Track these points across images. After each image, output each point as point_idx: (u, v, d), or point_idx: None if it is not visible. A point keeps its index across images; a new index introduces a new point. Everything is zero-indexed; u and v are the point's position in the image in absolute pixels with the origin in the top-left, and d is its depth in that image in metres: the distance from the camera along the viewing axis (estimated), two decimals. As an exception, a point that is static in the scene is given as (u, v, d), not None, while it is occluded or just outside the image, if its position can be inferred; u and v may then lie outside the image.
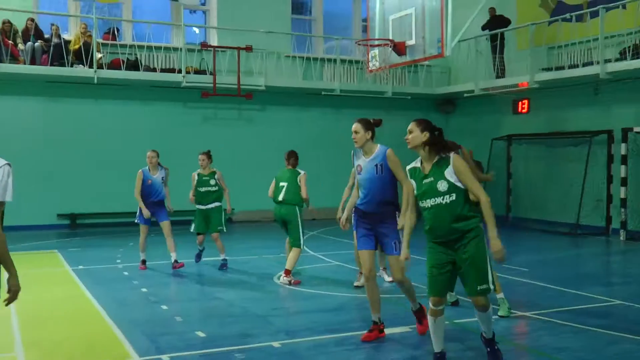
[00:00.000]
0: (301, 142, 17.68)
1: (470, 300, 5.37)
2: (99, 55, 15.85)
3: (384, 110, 19.39)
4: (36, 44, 15.51)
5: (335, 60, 18.82)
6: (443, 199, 5.13)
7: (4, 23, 15.11)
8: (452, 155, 5.24)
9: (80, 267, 10.57)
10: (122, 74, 16.10)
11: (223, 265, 10.41)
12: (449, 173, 5.14)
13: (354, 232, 6.96)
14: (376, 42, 14.49)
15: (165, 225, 10.32)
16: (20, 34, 15.43)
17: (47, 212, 15.91)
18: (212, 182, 10.35)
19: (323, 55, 19.29)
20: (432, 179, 5.19)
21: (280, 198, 9.38)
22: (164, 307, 7.91)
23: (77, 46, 15.77)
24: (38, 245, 13.04)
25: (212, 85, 16.87)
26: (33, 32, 15.62)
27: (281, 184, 9.45)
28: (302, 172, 9.51)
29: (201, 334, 6.63)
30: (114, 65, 16.34)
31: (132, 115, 16.88)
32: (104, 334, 6.76)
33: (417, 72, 19.84)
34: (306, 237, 10.32)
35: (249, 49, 17.41)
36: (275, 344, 6.30)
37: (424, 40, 13.15)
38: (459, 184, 5.13)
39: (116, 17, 17.60)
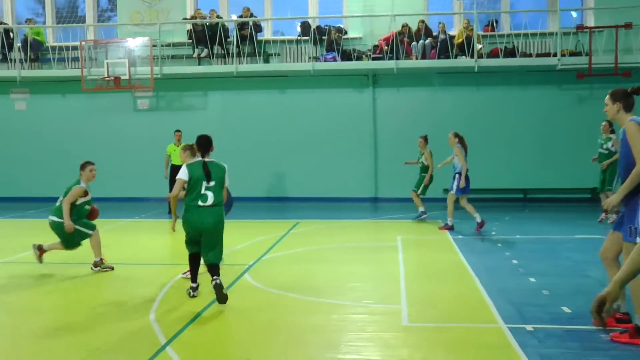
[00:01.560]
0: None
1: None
2: (479, 46, 15.94)
3: None
4: (426, 41, 16.30)
5: None
6: None
7: (402, 27, 16.25)
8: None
9: (460, 236, 10.84)
10: (500, 62, 15.89)
11: None
12: None
13: None
14: None
15: None
16: (413, 34, 16.36)
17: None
18: None
19: None
20: None
21: None
22: (532, 279, 7.58)
23: (460, 40, 16.11)
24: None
25: (587, 66, 15.62)
26: (423, 31, 16.42)
27: None
28: None
29: (567, 310, 6.19)
30: (493, 54, 16.26)
31: (506, 99, 16.60)
32: (472, 298, 6.80)
33: None
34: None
35: (628, 26, 15.63)
36: None
37: None
38: None
39: (495, 10, 17.43)
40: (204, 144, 6.70)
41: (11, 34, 17.56)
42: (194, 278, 6.86)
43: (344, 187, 16.70)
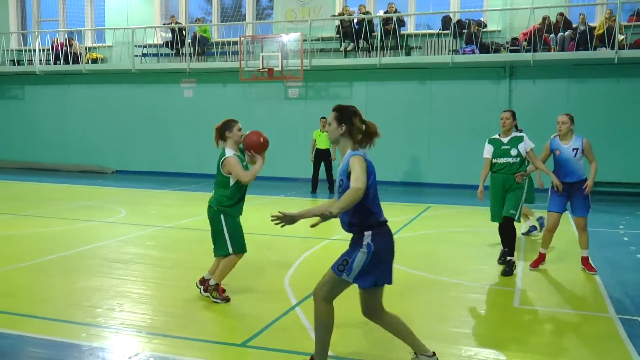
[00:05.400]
0: None
1: None
2: (621, 37, 14.88)
3: None
4: (565, 33, 15.51)
5: None
6: None
7: (543, 19, 15.57)
8: None
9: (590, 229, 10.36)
10: (644, 53, 14.77)
11: None
12: None
13: None
14: None
15: None
16: (552, 26, 15.63)
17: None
18: None
19: None
20: None
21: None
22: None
23: (601, 31, 15.14)
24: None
25: None
26: (562, 24, 15.62)
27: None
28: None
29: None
30: (637, 44, 15.11)
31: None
32: (588, 287, 6.63)
33: None
34: None
35: None
36: None
37: None
38: None
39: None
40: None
41: (183, 32, 19.11)
42: None
43: (476, 174, 16.41)
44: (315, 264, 7.43)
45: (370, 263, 3.91)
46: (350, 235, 4.07)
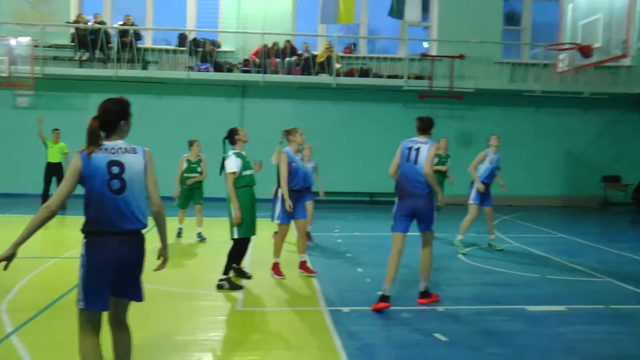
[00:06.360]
0: (504, 138, 16.89)
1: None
2: (338, 66, 16.58)
3: (582, 109, 17.79)
4: (292, 58, 16.71)
5: (538, 65, 17.58)
6: None
7: (273, 44, 16.56)
8: None
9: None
10: (355, 80, 16.64)
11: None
12: None
13: None
14: (565, 46, 13.31)
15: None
16: (280, 51, 16.71)
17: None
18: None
19: (528, 60, 18.08)
20: None
21: None
22: (359, 269, 8.12)
23: (322, 59, 16.67)
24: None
25: (428, 88, 16.74)
26: (289, 49, 16.82)
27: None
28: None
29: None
30: (350, 73, 16.97)
31: (362, 114, 17.41)
32: (307, 286, 7.16)
33: (617, 73, 17.75)
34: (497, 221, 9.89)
35: (462, 57, 16.94)
36: (440, 309, 6.23)
37: (609, 42, 11.81)
38: None
39: (354, 35, 18.19)
40: None
41: None
42: None
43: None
44: (40, 287, 6.76)
45: (86, 278, 3.42)
46: None
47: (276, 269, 7.58)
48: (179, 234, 10.41)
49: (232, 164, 6.89)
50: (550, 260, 9.13)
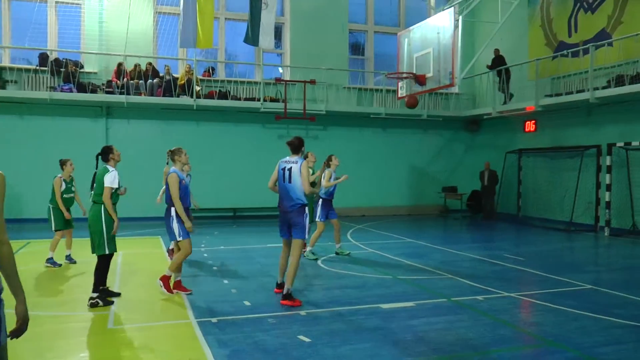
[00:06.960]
0: (356, 155, 18.35)
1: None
2: (198, 88, 16.69)
3: (422, 129, 19.53)
4: (154, 80, 16.53)
5: (382, 90, 19.05)
6: None
7: (135, 66, 16.26)
8: None
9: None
10: (215, 102, 16.81)
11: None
12: None
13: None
14: (404, 75, 14.70)
15: None
16: (142, 73, 16.47)
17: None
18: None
19: (373, 86, 19.51)
20: None
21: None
22: (226, 281, 8.27)
23: (182, 82, 16.68)
24: (143, 232, 13.89)
25: (284, 110, 17.40)
26: (151, 72, 16.63)
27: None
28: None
29: (248, 303, 6.93)
30: (210, 95, 17.14)
31: (222, 133, 17.62)
32: (176, 301, 7.20)
33: (449, 98, 19.83)
34: (352, 230, 10.54)
35: (313, 82, 17.84)
36: (302, 313, 6.53)
37: (439, 73, 13.26)
38: None
39: (212, 59, 18.41)
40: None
41: None
42: None
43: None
44: None
45: None
46: None
47: (178, 285, 7.55)
48: (72, 260, 9.74)
49: (114, 179, 6.88)
50: (400, 262, 9.99)
